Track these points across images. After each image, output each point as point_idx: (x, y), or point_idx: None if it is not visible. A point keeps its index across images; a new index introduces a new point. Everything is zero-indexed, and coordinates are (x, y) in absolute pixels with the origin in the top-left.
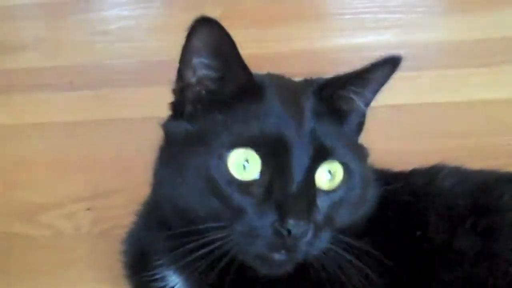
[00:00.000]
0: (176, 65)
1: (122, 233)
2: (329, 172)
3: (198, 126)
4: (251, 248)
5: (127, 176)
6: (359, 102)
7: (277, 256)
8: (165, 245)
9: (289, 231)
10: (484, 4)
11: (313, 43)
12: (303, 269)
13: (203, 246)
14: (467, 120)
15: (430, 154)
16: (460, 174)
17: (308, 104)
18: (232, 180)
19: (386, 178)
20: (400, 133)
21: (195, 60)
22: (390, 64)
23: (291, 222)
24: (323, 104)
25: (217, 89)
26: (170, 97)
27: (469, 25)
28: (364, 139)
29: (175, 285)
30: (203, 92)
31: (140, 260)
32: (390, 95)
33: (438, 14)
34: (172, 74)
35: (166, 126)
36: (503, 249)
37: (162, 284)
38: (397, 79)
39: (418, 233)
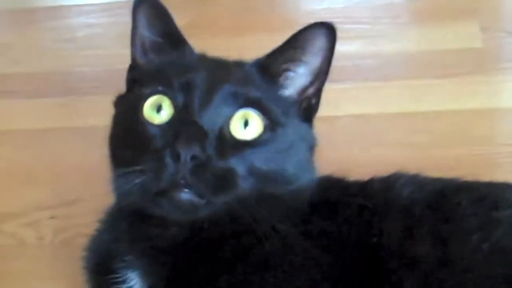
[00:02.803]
0: None
1: (84, 242)
2: (246, 122)
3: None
4: (158, 185)
5: (91, 184)
6: (297, 72)
7: (182, 195)
8: (126, 236)
9: (178, 156)
10: (447, 16)
11: None
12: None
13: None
14: (431, 130)
15: (394, 164)
16: (418, 182)
17: (237, 71)
18: (147, 125)
19: (342, 185)
20: (364, 142)
21: (140, 34)
22: (317, 27)
23: (180, 144)
24: (259, 76)
25: (156, 55)
26: None
27: (434, 37)
28: (327, 147)
29: (134, 285)
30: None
31: (102, 264)
32: (356, 105)
33: (403, 25)
34: None
35: (116, 100)
36: (459, 257)
37: (124, 286)
38: (363, 89)
39: (375, 239)
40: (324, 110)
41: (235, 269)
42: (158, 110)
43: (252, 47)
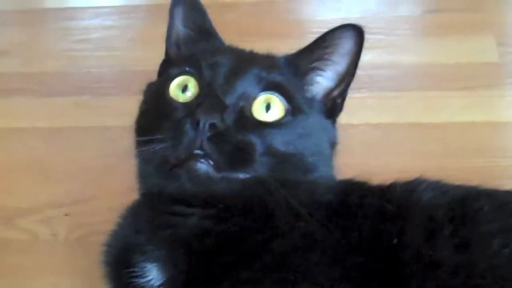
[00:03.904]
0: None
1: (99, 240)
2: (268, 105)
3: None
4: (176, 153)
5: (105, 183)
6: (325, 72)
7: (199, 165)
8: (147, 227)
9: (198, 122)
10: (463, 30)
11: None
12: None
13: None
14: (445, 141)
15: (408, 173)
16: (440, 188)
17: (265, 60)
18: (173, 102)
19: (364, 188)
20: (379, 151)
21: (176, 28)
22: (346, 29)
23: (201, 112)
24: (287, 68)
25: (187, 47)
26: None
27: (450, 49)
28: (343, 154)
29: (154, 278)
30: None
31: (121, 259)
32: (371, 114)
33: (419, 37)
34: None
35: (145, 88)
36: (480, 262)
37: (143, 280)
38: (378, 98)
39: (395, 241)
40: (340, 118)
41: (255, 262)
42: (183, 90)
43: (267, 51)
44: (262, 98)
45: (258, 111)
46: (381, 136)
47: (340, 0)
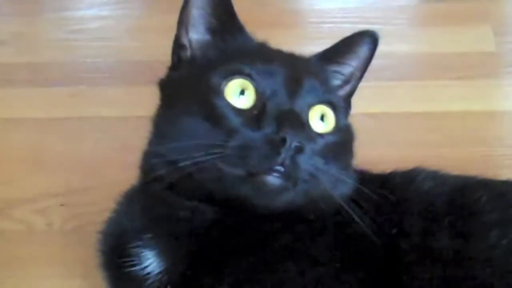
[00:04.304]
0: (155, 65)
1: (94, 230)
2: (322, 116)
3: (197, 64)
4: (244, 163)
5: (101, 173)
6: (344, 75)
7: (271, 179)
8: (146, 215)
9: (284, 140)
10: (460, 20)
11: (292, 50)
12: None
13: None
14: (442, 131)
15: (405, 163)
16: (439, 177)
17: (309, 66)
18: (229, 106)
19: (364, 177)
20: (376, 141)
21: (196, 12)
22: (362, 36)
23: (287, 130)
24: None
25: (213, 36)
26: (147, 98)
27: (446, 39)
28: None
29: (151, 265)
30: (202, 38)
31: (117, 247)
32: (368, 104)
33: (415, 27)
34: (150, 75)
35: (166, 78)
36: (479, 252)
37: (138, 267)
38: (375, 88)
39: (394, 230)
40: None
41: (260, 255)
42: (240, 94)
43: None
44: (317, 108)
45: (314, 121)
46: (378, 126)
47: None
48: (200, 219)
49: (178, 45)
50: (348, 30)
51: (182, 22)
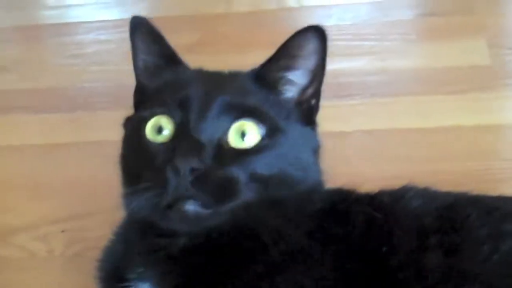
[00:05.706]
0: None
1: (95, 255)
2: (242, 132)
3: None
4: (165, 199)
5: (101, 198)
6: (294, 76)
7: (188, 207)
8: (138, 249)
9: (178, 170)
10: (454, 33)
11: None
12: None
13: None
14: (438, 146)
15: (402, 178)
16: (428, 195)
17: (232, 82)
18: (150, 143)
19: (352, 196)
20: (373, 157)
21: (140, 56)
22: (305, 32)
23: (178, 158)
24: (255, 85)
25: (154, 74)
26: None
27: (441, 53)
28: (337, 162)
29: None
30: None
31: (115, 273)
32: (364, 120)
33: (410, 42)
34: None
35: (124, 122)
36: (470, 268)
37: None
38: (371, 104)
39: (384, 248)
40: (332, 125)
41: (244, 276)
42: (159, 130)
43: (261, 62)
44: (236, 127)
45: (234, 140)
46: (375, 143)
47: (331, 7)
48: (180, 243)
49: (135, 87)
50: (342, 47)
51: (135, 67)
